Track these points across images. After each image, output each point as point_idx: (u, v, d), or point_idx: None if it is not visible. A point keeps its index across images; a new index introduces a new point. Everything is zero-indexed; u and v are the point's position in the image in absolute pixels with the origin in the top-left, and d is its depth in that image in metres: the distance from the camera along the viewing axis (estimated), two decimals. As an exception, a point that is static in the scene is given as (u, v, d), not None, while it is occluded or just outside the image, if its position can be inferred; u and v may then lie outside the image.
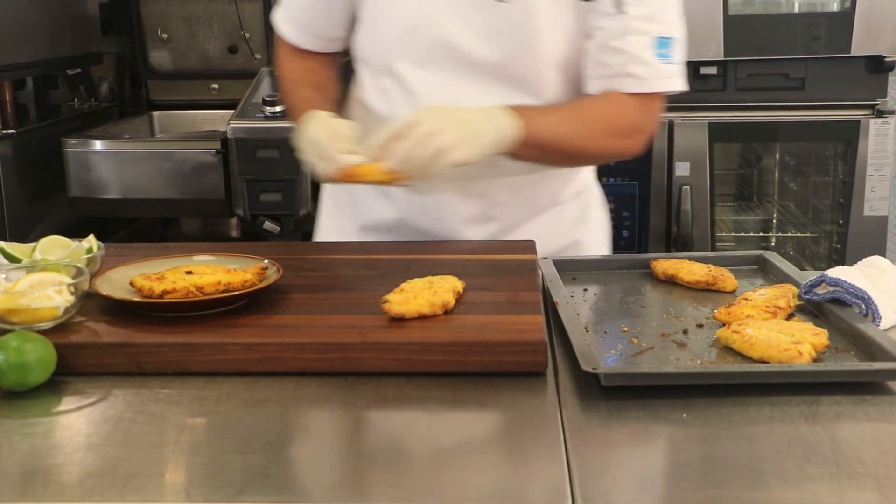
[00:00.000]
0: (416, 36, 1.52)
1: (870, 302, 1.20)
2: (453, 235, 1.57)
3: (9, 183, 2.72)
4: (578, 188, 1.69)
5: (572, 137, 1.47)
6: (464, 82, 1.52)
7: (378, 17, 1.57)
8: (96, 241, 1.36)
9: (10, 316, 1.12)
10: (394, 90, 1.57)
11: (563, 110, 1.49)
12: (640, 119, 1.52)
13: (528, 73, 1.51)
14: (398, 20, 1.53)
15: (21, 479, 0.88)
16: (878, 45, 2.63)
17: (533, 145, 1.41)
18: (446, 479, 0.89)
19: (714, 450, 0.92)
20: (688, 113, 2.73)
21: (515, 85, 1.52)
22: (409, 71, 1.54)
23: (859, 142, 2.68)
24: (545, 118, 1.44)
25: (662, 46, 1.50)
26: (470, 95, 1.49)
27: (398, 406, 1.02)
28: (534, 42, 1.49)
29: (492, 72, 1.51)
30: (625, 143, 1.52)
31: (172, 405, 1.02)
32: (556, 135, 1.45)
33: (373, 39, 1.59)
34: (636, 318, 1.26)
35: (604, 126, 1.49)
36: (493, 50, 1.50)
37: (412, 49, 1.53)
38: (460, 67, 1.52)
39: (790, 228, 3.07)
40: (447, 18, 1.50)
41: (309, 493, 0.86)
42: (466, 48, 1.50)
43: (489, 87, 1.51)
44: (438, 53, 1.51)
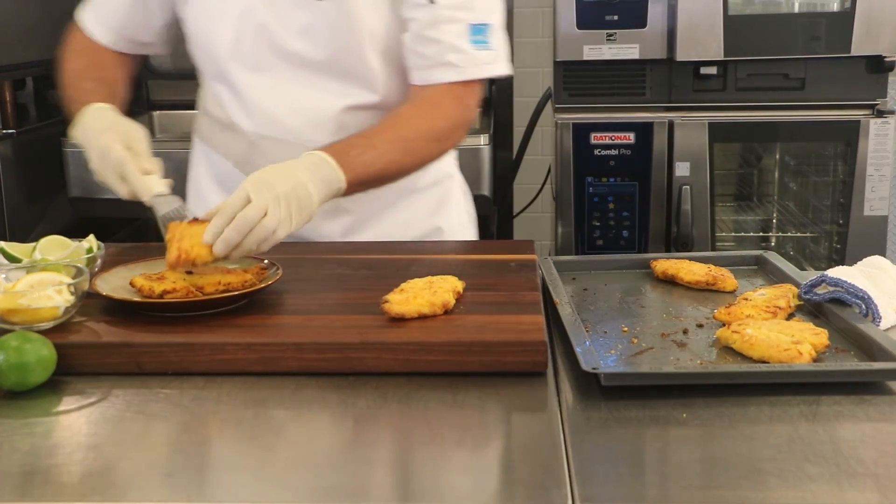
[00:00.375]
0: (242, 40, 1.53)
1: (870, 302, 1.20)
2: (308, 231, 1.50)
3: (9, 183, 2.71)
4: (436, 176, 1.69)
5: (397, 162, 1.46)
6: (295, 83, 1.54)
7: (204, 25, 1.58)
8: (96, 241, 1.36)
9: (10, 316, 1.12)
10: (226, 96, 1.59)
11: (384, 134, 1.45)
12: (458, 114, 1.53)
13: (357, 67, 1.53)
14: (224, 26, 1.54)
15: (21, 478, 0.88)
16: (878, 45, 2.62)
17: (360, 183, 1.40)
18: (446, 478, 0.89)
19: (714, 450, 0.92)
20: (688, 113, 2.72)
21: (347, 79, 1.54)
22: (241, 75, 1.55)
23: (859, 142, 2.68)
24: (367, 154, 1.41)
25: (477, 33, 1.52)
26: (302, 95, 1.53)
27: (398, 406, 1.02)
28: (356, 37, 1.51)
29: (322, 69, 1.53)
30: (447, 144, 1.55)
31: (172, 405, 1.02)
32: (381, 167, 1.43)
33: (202, 47, 1.60)
34: (636, 318, 1.26)
35: (425, 137, 1.49)
36: (319, 48, 1.51)
37: (241, 53, 1.54)
38: (290, 68, 1.53)
39: (790, 228, 3.07)
40: (270, 20, 1.51)
41: (309, 492, 0.86)
42: (293, 48, 1.52)
43: (321, 84, 1.54)
44: (266, 55, 1.53)
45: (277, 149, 1.55)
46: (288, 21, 1.51)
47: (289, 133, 1.55)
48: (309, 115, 1.55)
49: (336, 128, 1.55)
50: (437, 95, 1.51)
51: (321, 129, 1.54)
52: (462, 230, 1.76)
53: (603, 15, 2.67)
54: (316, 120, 1.55)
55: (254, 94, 1.56)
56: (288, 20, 1.51)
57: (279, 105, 1.55)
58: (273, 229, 1.23)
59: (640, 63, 2.71)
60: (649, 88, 2.74)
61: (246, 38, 1.53)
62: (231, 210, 1.22)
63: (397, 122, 1.48)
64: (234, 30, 1.53)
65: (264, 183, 1.26)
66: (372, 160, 1.41)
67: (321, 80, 1.54)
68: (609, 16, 2.67)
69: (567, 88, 2.77)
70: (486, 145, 2.78)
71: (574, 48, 2.71)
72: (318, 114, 1.55)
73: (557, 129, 2.75)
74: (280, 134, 1.56)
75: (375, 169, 1.41)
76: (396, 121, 1.48)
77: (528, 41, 3.58)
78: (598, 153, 2.74)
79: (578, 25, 2.69)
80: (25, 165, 2.82)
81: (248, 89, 1.56)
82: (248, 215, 1.22)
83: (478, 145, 2.77)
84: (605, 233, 2.77)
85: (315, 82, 1.54)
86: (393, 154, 1.44)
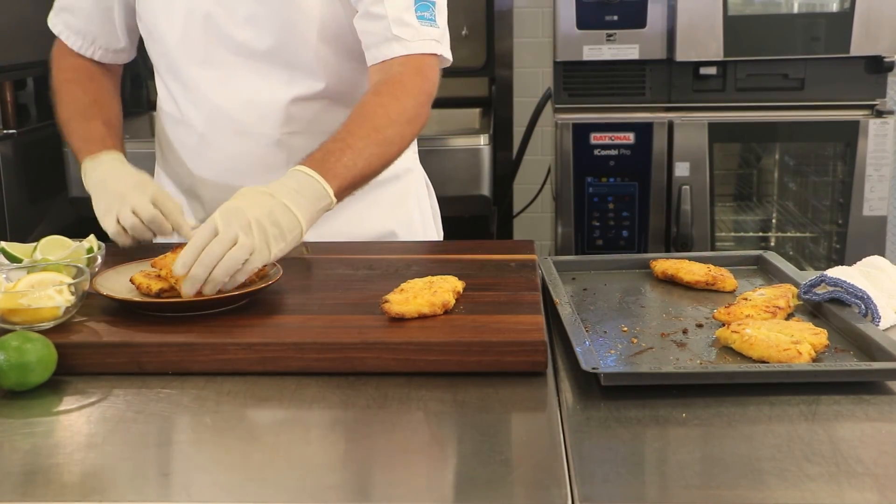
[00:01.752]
0: (190, 33, 1.54)
1: (869, 302, 1.20)
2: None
3: (9, 183, 2.71)
4: (397, 171, 1.66)
5: (377, 155, 1.41)
6: (242, 74, 1.54)
7: (154, 20, 1.58)
8: (96, 241, 1.36)
9: (11, 316, 1.12)
10: (177, 91, 1.60)
11: (357, 131, 1.40)
12: (422, 88, 1.48)
13: (303, 55, 1.53)
14: (172, 20, 1.54)
15: (22, 478, 0.88)
16: (878, 45, 2.62)
17: (348, 187, 1.36)
18: (446, 478, 0.89)
19: (714, 449, 0.92)
20: (687, 113, 2.73)
21: (293, 68, 1.54)
22: (190, 70, 1.56)
23: (859, 142, 2.68)
24: (346, 156, 1.35)
25: (423, 10, 1.51)
26: (250, 87, 1.54)
27: (398, 406, 1.02)
28: (301, 24, 1.51)
29: (268, 58, 1.53)
30: (417, 123, 1.49)
31: (173, 405, 1.02)
32: (363, 165, 1.38)
33: (154, 42, 1.60)
34: (636, 318, 1.26)
35: (397, 121, 1.44)
36: (264, 36, 1.52)
37: (189, 47, 1.55)
38: (237, 58, 1.54)
39: (790, 228, 3.07)
40: (216, 10, 1.52)
41: (309, 492, 0.86)
42: (239, 37, 1.52)
43: (268, 74, 1.54)
44: (214, 47, 1.53)
45: (227, 141, 1.57)
46: (233, 10, 1.51)
47: (238, 125, 1.56)
48: (257, 106, 1.55)
49: (284, 118, 1.55)
50: (397, 74, 1.48)
51: (270, 121, 1.55)
52: (424, 228, 1.75)
53: (603, 15, 2.67)
54: (264, 111, 1.55)
55: (203, 88, 1.56)
56: (233, 9, 1.51)
57: (227, 98, 1.55)
58: (242, 259, 1.18)
59: (640, 63, 2.72)
60: (649, 88, 2.74)
61: (193, 31, 1.53)
62: (199, 243, 1.18)
63: (365, 113, 1.43)
64: (181, 23, 1.54)
65: (233, 211, 1.21)
66: (353, 161, 1.35)
67: (267, 70, 1.54)
68: (609, 16, 2.67)
69: (567, 88, 2.77)
70: (486, 145, 2.78)
71: (574, 48, 2.71)
72: (267, 105, 1.55)
73: (557, 129, 2.75)
74: (229, 126, 1.56)
75: (359, 169, 1.36)
76: (364, 112, 1.43)
77: (528, 41, 3.58)
78: (597, 153, 2.74)
79: (578, 25, 2.69)
80: (26, 165, 2.82)
81: (196, 83, 1.57)
82: (213, 251, 1.17)
83: (478, 145, 2.77)
84: (605, 233, 2.77)
85: (262, 72, 1.54)
86: (371, 148, 1.39)
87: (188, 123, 1.60)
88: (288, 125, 1.55)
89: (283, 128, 1.55)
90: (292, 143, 1.55)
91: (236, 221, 1.20)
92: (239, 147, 1.56)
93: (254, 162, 1.57)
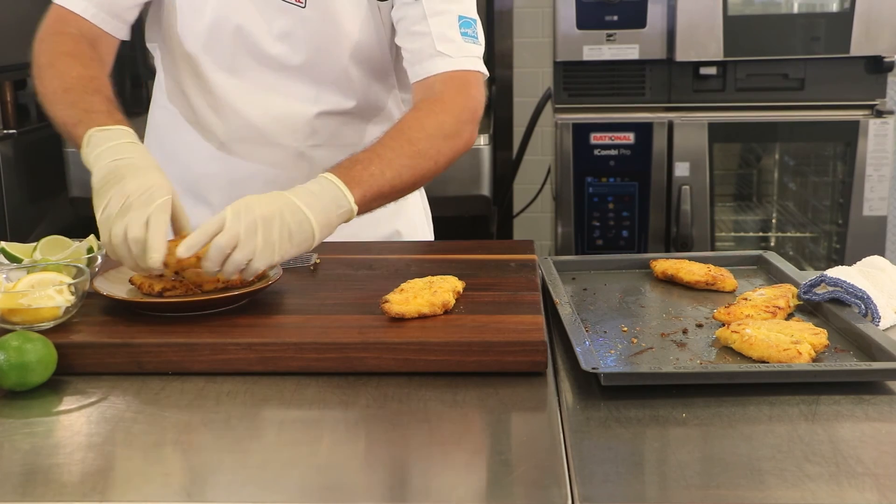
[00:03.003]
0: (218, 34, 1.50)
1: (869, 302, 1.20)
2: None
3: (9, 183, 2.71)
4: None
5: (409, 167, 1.36)
6: (270, 87, 1.52)
7: (184, 9, 1.51)
8: (96, 241, 1.36)
9: (11, 316, 1.12)
10: (198, 95, 1.55)
11: (389, 142, 1.37)
12: (464, 106, 1.46)
13: (333, 73, 1.53)
14: (202, 15, 1.50)
15: (22, 478, 0.88)
16: (878, 45, 2.63)
17: (374, 198, 1.31)
18: (446, 478, 0.89)
19: (713, 449, 0.92)
20: (687, 113, 2.73)
21: (322, 85, 1.53)
22: (214, 75, 1.53)
23: (858, 142, 2.68)
24: (374, 165, 1.31)
25: (466, 26, 1.50)
26: (277, 99, 1.52)
27: (398, 406, 1.02)
28: (335, 44, 1.51)
29: (297, 74, 1.52)
30: (458, 140, 1.45)
31: (172, 405, 1.02)
32: (392, 176, 1.33)
33: (178, 34, 1.52)
34: (636, 317, 1.26)
35: (433, 135, 1.40)
36: (297, 53, 1.51)
37: (215, 52, 1.52)
38: (266, 71, 1.52)
39: (790, 228, 3.07)
40: (248, 23, 1.49)
41: (309, 492, 0.86)
42: (271, 52, 1.50)
43: (296, 88, 1.53)
44: (242, 57, 1.51)
45: (248, 150, 1.55)
46: (267, 25, 1.49)
47: (262, 136, 1.54)
48: (283, 119, 1.54)
49: (309, 132, 1.55)
50: (438, 91, 1.46)
51: (294, 134, 1.54)
52: (423, 227, 1.76)
53: (603, 15, 2.68)
54: (289, 124, 1.54)
55: (227, 95, 1.54)
56: (268, 24, 1.49)
57: (253, 109, 1.54)
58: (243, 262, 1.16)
59: (640, 63, 2.72)
60: (649, 89, 2.74)
61: (222, 38, 1.51)
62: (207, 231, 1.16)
63: (401, 127, 1.41)
64: (206, 29, 1.51)
65: (244, 206, 1.18)
66: (380, 171, 1.31)
67: (296, 85, 1.53)
68: (609, 16, 2.68)
69: (567, 89, 2.77)
70: (486, 145, 2.78)
71: (574, 48, 2.71)
72: (292, 118, 1.54)
73: (557, 129, 2.75)
74: (253, 136, 1.55)
75: (386, 179, 1.32)
76: (400, 126, 1.41)
77: (528, 41, 3.58)
78: (597, 153, 2.74)
79: (578, 26, 2.69)
80: (26, 165, 2.82)
81: (220, 89, 1.54)
82: (219, 244, 1.15)
83: (478, 145, 2.77)
84: (605, 233, 2.78)
85: (290, 87, 1.53)
86: (402, 160, 1.35)
87: (207, 129, 1.57)
88: (312, 138, 1.55)
89: (307, 140, 1.55)
90: (314, 155, 1.56)
91: (244, 217, 1.16)
92: (260, 156, 1.54)
93: (274, 172, 1.55)
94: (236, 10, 1.49)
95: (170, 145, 1.64)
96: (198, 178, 1.60)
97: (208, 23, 1.50)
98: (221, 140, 1.56)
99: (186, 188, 1.60)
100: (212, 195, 1.59)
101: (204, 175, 1.60)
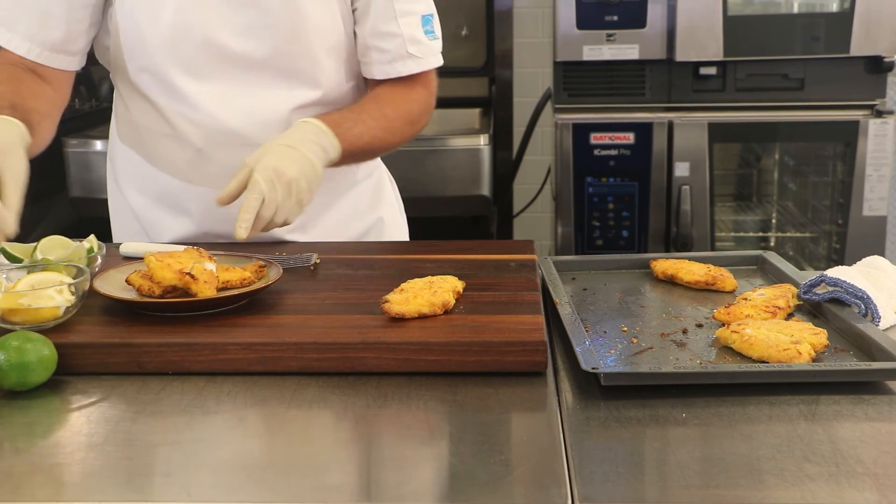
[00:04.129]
0: (181, 39, 1.47)
1: (869, 302, 1.20)
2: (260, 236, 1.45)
3: (9, 183, 2.71)
4: (370, 166, 1.71)
5: (380, 139, 1.53)
6: (242, 87, 1.51)
7: (140, 20, 1.48)
8: (96, 241, 1.36)
9: (11, 316, 1.12)
10: (168, 107, 1.52)
11: (371, 111, 1.53)
12: (427, 100, 1.62)
13: (303, 64, 1.53)
14: (161, 23, 1.47)
15: (22, 478, 0.88)
16: (878, 45, 2.63)
17: (349, 155, 1.47)
18: (446, 479, 0.89)
19: (713, 449, 0.92)
20: (687, 113, 2.73)
21: (292, 77, 1.53)
22: (184, 83, 1.50)
23: (858, 142, 2.68)
24: (358, 127, 1.48)
25: (426, 23, 1.58)
26: (251, 99, 1.52)
27: (398, 406, 1.02)
28: (302, 34, 1.51)
29: (265, 68, 1.51)
30: (417, 126, 1.62)
31: (173, 405, 1.02)
32: (368, 141, 1.50)
33: (137, 46, 1.50)
34: (636, 317, 1.26)
35: (403, 118, 1.57)
36: (262, 46, 1.50)
37: (180, 54, 1.48)
38: (235, 70, 1.51)
39: (789, 228, 3.07)
40: (210, 17, 1.47)
41: (309, 492, 0.86)
42: (234, 47, 1.49)
43: (267, 84, 1.52)
44: (207, 56, 1.49)
45: (227, 154, 1.52)
46: (229, 18, 1.47)
47: (240, 138, 1.52)
48: (259, 118, 1.52)
49: (285, 127, 1.53)
50: (408, 82, 1.58)
51: (272, 131, 1.51)
52: (399, 219, 1.79)
53: (603, 15, 2.68)
54: (266, 123, 1.52)
55: (199, 101, 1.50)
56: (229, 16, 1.47)
57: (229, 112, 1.51)
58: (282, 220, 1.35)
59: (640, 63, 2.72)
60: (649, 89, 2.74)
61: (185, 43, 1.47)
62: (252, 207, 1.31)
63: (379, 99, 1.55)
64: (172, 27, 1.47)
65: (274, 172, 1.33)
66: (361, 133, 1.47)
67: (267, 81, 1.52)
68: (609, 16, 2.68)
69: (567, 89, 2.77)
70: (486, 145, 2.78)
71: (574, 48, 2.71)
72: (268, 116, 1.53)
73: (557, 129, 2.75)
74: (231, 140, 1.52)
75: (363, 142, 1.48)
76: (378, 99, 1.55)
77: (528, 41, 3.58)
78: (597, 153, 2.74)
79: (578, 26, 2.69)
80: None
81: (191, 97, 1.50)
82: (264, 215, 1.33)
83: (478, 145, 2.77)
84: (605, 233, 2.78)
85: (261, 83, 1.52)
86: (378, 130, 1.50)
87: (182, 139, 1.53)
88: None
89: None
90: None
91: (279, 183, 1.33)
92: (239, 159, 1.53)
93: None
94: (194, 12, 1.46)
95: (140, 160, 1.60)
96: (176, 190, 1.57)
97: (168, 30, 1.47)
98: (198, 147, 1.53)
99: (163, 201, 1.59)
100: (192, 204, 1.57)
101: (182, 185, 1.56)
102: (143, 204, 1.62)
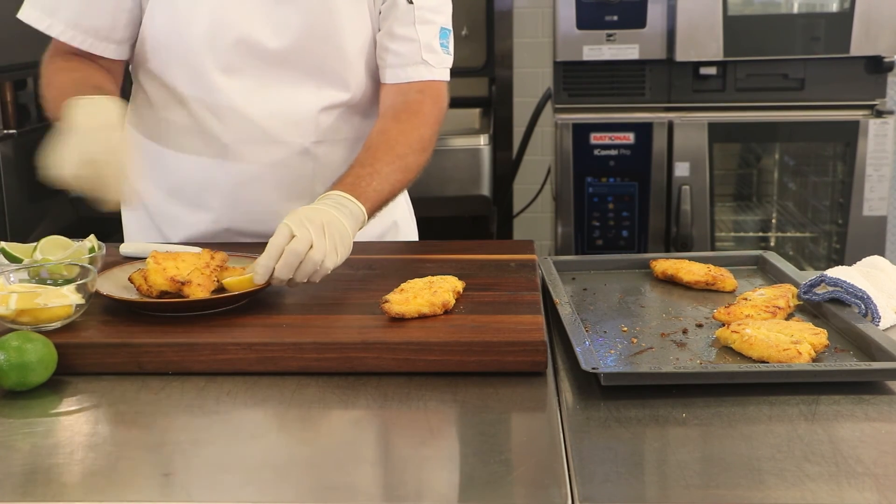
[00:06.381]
0: (218, 34, 1.48)
1: (869, 302, 1.20)
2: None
3: (9, 183, 2.71)
4: None
5: (400, 181, 1.47)
6: (272, 84, 1.52)
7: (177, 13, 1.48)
8: (97, 240, 1.36)
9: (20, 316, 1.12)
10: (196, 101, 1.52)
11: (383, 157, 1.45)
12: (437, 117, 1.57)
13: (333, 64, 1.54)
14: (199, 16, 1.48)
15: (22, 478, 0.88)
16: (878, 45, 2.62)
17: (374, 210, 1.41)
18: (446, 478, 0.89)
19: (713, 449, 0.92)
20: (687, 113, 2.73)
21: (322, 77, 1.54)
22: (216, 78, 1.50)
23: (858, 142, 2.68)
24: (375, 181, 1.41)
25: (444, 37, 1.58)
26: (280, 97, 1.52)
27: (398, 406, 1.02)
28: (335, 33, 1.51)
29: (296, 66, 1.52)
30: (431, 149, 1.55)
31: (173, 405, 1.02)
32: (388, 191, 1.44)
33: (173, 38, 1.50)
34: (636, 317, 1.26)
35: (416, 149, 1.50)
36: (296, 44, 1.50)
37: (216, 49, 1.49)
38: (263, 65, 1.51)
39: (789, 228, 3.07)
40: (247, 14, 1.49)
41: (309, 492, 0.86)
42: (268, 44, 1.50)
43: (297, 83, 1.53)
44: (241, 51, 1.50)
45: (254, 151, 1.53)
46: (266, 15, 1.49)
47: (268, 135, 1.53)
48: (287, 116, 1.53)
49: (314, 128, 1.54)
50: (416, 101, 1.54)
51: (300, 130, 1.54)
52: (410, 223, 1.78)
53: (603, 15, 2.68)
54: (295, 121, 1.53)
55: (229, 97, 1.51)
56: (266, 14, 1.49)
57: (259, 108, 1.52)
58: (319, 261, 1.21)
59: (640, 63, 2.72)
60: (649, 89, 2.74)
61: (221, 37, 1.49)
62: (278, 245, 1.20)
63: (389, 141, 1.48)
64: (206, 28, 1.48)
65: (305, 215, 1.24)
66: (381, 187, 1.41)
67: (297, 79, 1.53)
68: (609, 16, 2.68)
69: (567, 89, 2.77)
70: (486, 145, 2.78)
71: (574, 48, 2.71)
72: (297, 115, 1.53)
73: (557, 129, 2.75)
74: (259, 136, 1.53)
75: (385, 194, 1.42)
76: (388, 140, 1.48)
77: (528, 41, 3.58)
78: (597, 153, 2.74)
79: (578, 26, 2.69)
80: (26, 165, 2.82)
81: (222, 92, 1.51)
82: (296, 250, 1.20)
83: (478, 145, 2.77)
84: (605, 233, 2.78)
85: (292, 82, 1.53)
86: (395, 175, 1.45)
87: (209, 133, 1.54)
88: (316, 134, 1.55)
89: (312, 137, 1.55)
90: (318, 152, 1.56)
91: (310, 224, 1.23)
92: (266, 157, 1.53)
93: (279, 171, 1.55)
94: (233, 8, 1.48)
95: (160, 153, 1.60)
96: (198, 186, 1.58)
97: (207, 25, 1.48)
98: (224, 143, 1.54)
99: (180, 195, 1.59)
100: (213, 200, 1.57)
101: (205, 181, 1.57)
102: (158, 198, 1.62)
